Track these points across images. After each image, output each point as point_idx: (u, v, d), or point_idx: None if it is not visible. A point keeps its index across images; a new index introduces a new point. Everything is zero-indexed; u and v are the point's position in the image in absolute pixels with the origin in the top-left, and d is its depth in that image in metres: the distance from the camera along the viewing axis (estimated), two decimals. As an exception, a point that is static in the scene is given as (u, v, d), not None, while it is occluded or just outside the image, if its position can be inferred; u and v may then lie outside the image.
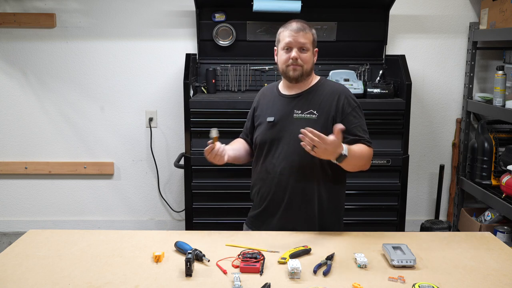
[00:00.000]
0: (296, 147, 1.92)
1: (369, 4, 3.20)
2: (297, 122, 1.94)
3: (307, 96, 1.99)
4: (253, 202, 2.13)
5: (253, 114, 2.14)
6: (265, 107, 2.07)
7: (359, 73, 3.23)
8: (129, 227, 3.54)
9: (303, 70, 1.95)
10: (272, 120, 1.99)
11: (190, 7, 3.20)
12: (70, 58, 3.38)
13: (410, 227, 3.40)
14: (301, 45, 1.94)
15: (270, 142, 2.00)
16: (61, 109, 3.44)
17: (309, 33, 1.96)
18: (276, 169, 1.97)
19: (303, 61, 1.94)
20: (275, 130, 1.99)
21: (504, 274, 1.57)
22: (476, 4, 3.32)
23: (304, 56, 1.95)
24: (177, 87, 3.37)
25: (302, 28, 1.95)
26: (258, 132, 2.05)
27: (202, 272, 1.57)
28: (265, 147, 2.01)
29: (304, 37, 1.94)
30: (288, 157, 1.96)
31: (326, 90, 1.99)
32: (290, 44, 1.94)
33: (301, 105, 1.98)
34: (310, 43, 1.96)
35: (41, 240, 1.83)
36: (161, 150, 3.49)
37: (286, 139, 1.96)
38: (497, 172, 3.07)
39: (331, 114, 1.94)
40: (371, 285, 1.49)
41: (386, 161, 2.96)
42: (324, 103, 1.96)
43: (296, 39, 1.93)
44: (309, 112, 1.96)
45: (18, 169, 3.49)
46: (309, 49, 1.96)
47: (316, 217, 1.99)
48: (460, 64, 3.40)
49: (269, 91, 2.14)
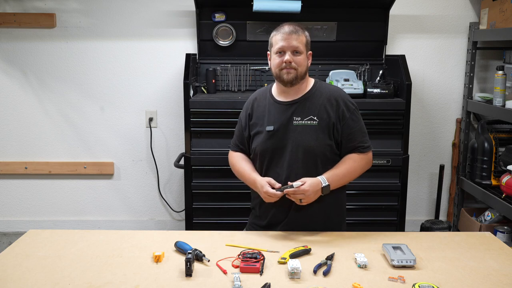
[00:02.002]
0: (299, 154, 1.93)
1: (369, 4, 3.20)
2: (298, 129, 1.93)
3: (305, 102, 1.97)
4: (254, 211, 2.11)
5: (248, 123, 2.06)
6: (261, 115, 2.02)
7: (359, 73, 3.23)
8: (129, 227, 3.53)
9: (297, 73, 1.92)
10: (272, 129, 1.95)
11: (190, 7, 3.20)
12: (70, 58, 3.38)
13: (410, 227, 3.40)
14: (294, 48, 1.91)
15: (272, 151, 1.96)
16: (61, 109, 3.44)
17: (302, 35, 1.93)
18: (280, 178, 1.94)
19: (297, 64, 1.91)
20: (276, 139, 1.95)
21: (504, 274, 1.57)
22: (476, 4, 3.32)
23: (297, 59, 1.91)
24: (177, 87, 3.37)
25: (295, 31, 1.92)
26: (257, 141, 2.00)
27: (202, 272, 1.57)
28: (266, 157, 1.98)
29: (297, 40, 1.91)
30: (292, 165, 1.94)
31: (324, 95, 1.98)
32: (283, 47, 1.91)
33: (300, 111, 1.95)
34: (304, 46, 1.93)
35: (41, 240, 1.83)
36: (161, 150, 3.49)
37: (289, 148, 1.94)
38: (497, 172, 3.07)
39: (332, 121, 1.94)
40: (371, 285, 1.49)
41: (386, 161, 2.96)
42: (323, 109, 1.95)
43: (289, 43, 1.90)
44: (309, 119, 1.94)
45: (18, 169, 3.49)
46: (303, 52, 1.93)
47: (321, 222, 1.98)
48: (460, 64, 3.40)
49: (262, 97, 2.07)
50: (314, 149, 1.92)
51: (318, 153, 1.93)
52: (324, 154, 1.94)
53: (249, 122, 2.06)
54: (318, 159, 1.94)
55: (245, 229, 2.15)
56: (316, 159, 1.94)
